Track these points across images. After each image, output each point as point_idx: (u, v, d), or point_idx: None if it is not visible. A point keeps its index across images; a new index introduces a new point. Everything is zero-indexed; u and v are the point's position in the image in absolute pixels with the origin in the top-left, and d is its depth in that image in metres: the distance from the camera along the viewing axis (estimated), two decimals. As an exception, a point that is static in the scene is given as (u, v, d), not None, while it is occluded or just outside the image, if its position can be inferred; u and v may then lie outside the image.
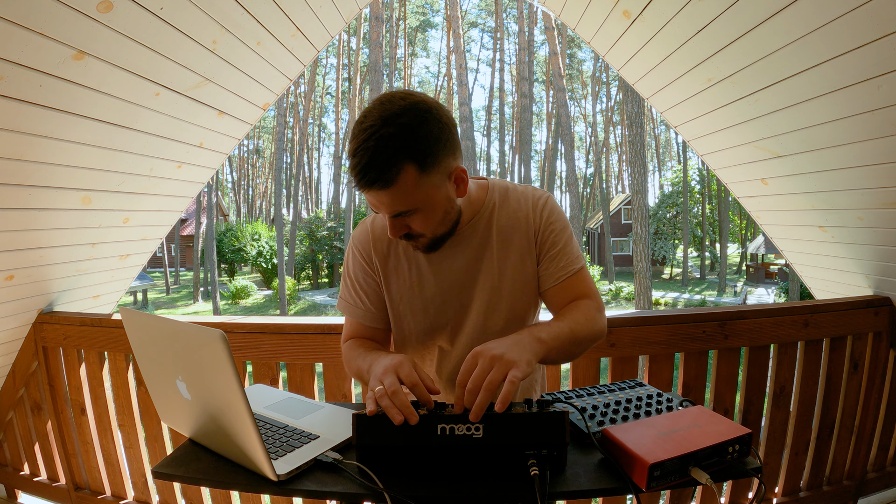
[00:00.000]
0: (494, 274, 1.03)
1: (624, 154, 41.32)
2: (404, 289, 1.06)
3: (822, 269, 2.38)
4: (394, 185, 0.83)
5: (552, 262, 1.03)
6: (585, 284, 1.04)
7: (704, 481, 0.71)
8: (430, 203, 0.89)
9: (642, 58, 2.16)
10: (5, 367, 2.08)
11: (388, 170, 0.81)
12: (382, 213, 0.91)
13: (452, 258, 1.03)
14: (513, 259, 1.04)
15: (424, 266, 1.04)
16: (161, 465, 0.83)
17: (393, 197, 0.85)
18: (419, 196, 0.87)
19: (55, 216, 1.77)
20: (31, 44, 1.24)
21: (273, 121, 34.84)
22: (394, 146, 0.81)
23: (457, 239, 1.03)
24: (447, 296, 1.04)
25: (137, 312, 0.87)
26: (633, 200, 11.61)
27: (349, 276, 1.10)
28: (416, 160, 0.83)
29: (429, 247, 0.98)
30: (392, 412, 0.74)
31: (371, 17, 15.99)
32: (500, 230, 1.04)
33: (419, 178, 0.85)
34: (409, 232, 0.93)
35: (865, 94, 1.45)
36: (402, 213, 0.89)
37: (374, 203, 0.89)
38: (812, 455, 1.88)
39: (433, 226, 0.93)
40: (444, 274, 1.04)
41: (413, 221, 0.91)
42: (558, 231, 1.04)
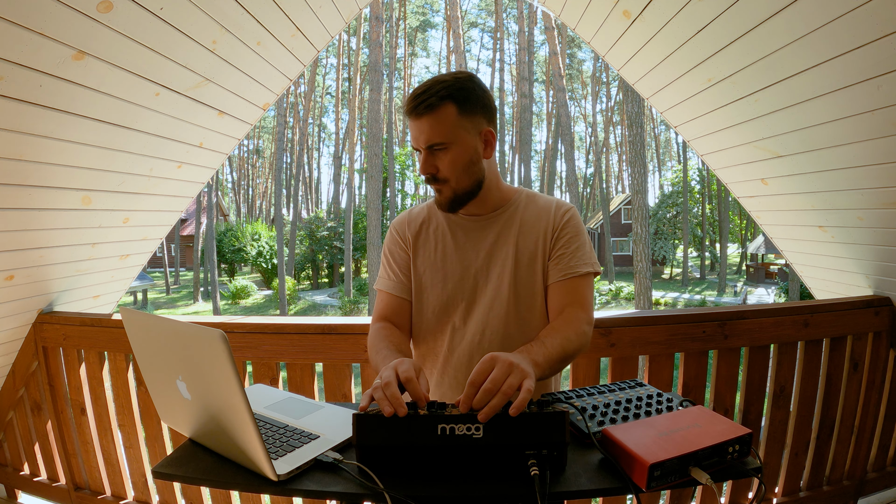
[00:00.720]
0: (510, 260, 1.12)
1: (624, 154, 41.32)
2: (428, 262, 1.17)
3: (822, 269, 2.38)
4: (436, 112, 1.00)
5: (562, 259, 1.11)
6: (584, 293, 1.10)
7: (704, 481, 0.71)
8: (461, 143, 1.03)
9: (642, 58, 2.16)
10: (5, 367, 2.08)
11: (435, 100, 1.00)
12: (420, 146, 1.04)
13: (476, 240, 1.15)
14: (529, 250, 1.13)
15: (450, 244, 1.17)
16: (161, 465, 0.83)
17: (432, 125, 1.01)
18: (454, 132, 1.02)
19: (55, 216, 1.77)
20: (31, 44, 1.24)
21: (273, 121, 34.84)
22: (444, 86, 1.01)
23: (482, 222, 1.16)
24: (465, 273, 1.14)
25: (137, 312, 0.87)
26: (633, 200, 11.61)
27: (385, 254, 1.23)
28: (457, 102, 1.01)
29: (451, 201, 1.09)
30: (383, 404, 0.76)
31: (371, 17, 15.99)
32: (523, 223, 1.15)
33: (457, 117, 1.01)
34: (437, 174, 1.05)
35: (865, 94, 1.46)
36: (437, 145, 1.02)
37: (416, 133, 1.03)
38: (812, 455, 1.88)
39: (458, 171, 1.05)
40: (466, 253, 1.15)
41: (442, 160, 1.04)
42: (573, 234, 1.14)
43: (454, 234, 1.17)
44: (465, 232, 1.17)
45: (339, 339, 1.67)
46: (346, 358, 1.68)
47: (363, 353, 1.66)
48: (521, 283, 1.12)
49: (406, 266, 1.19)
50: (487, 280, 1.13)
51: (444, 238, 1.17)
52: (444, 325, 1.15)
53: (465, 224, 1.17)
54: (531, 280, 1.12)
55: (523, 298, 1.12)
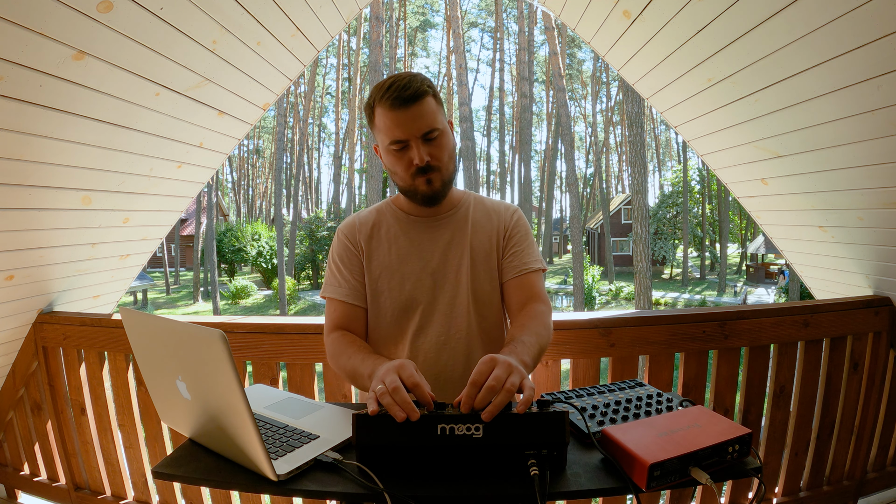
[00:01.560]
0: (467, 258, 1.15)
1: (624, 154, 41.32)
2: (383, 265, 1.16)
3: (822, 269, 2.38)
4: (424, 101, 1.03)
5: (515, 256, 1.16)
6: (540, 286, 1.16)
7: (704, 481, 0.71)
8: (445, 130, 1.09)
9: (642, 58, 2.16)
10: (5, 367, 2.08)
11: (424, 87, 1.04)
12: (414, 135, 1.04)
13: (430, 240, 1.16)
14: (484, 248, 1.16)
15: (404, 245, 1.16)
16: (161, 465, 0.83)
17: (425, 113, 1.04)
18: (440, 120, 1.07)
19: (55, 216, 1.77)
20: (31, 44, 1.24)
21: (273, 121, 34.84)
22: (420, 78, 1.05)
23: (434, 223, 1.18)
24: (422, 273, 1.14)
25: (137, 312, 0.87)
26: (633, 200, 11.61)
27: (333, 261, 1.19)
28: (433, 95, 1.07)
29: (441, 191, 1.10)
30: (394, 409, 0.75)
31: (371, 17, 15.98)
32: (474, 223, 1.19)
33: (436, 106, 1.07)
34: (430, 162, 1.06)
35: (866, 94, 1.45)
36: (432, 131, 1.05)
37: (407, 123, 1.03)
38: (812, 455, 1.88)
39: (447, 157, 1.09)
40: (422, 253, 1.15)
41: (435, 147, 1.06)
42: (524, 233, 1.20)
43: (408, 234, 1.17)
44: (418, 232, 1.17)
45: (339, 339, 1.66)
46: (346, 358, 1.68)
47: (363, 353, 1.66)
48: (479, 281, 1.15)
49: (359, 271, 1.16)
50: (445, 279, 1.14)
51: (398, 239, 1.16)
52: (405, 328, 1.13)
53: (418, 225, 1.18)
54: (487, 277, 1.15)
55: (481, 296, 1.15)
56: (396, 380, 0.79)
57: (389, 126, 1.04)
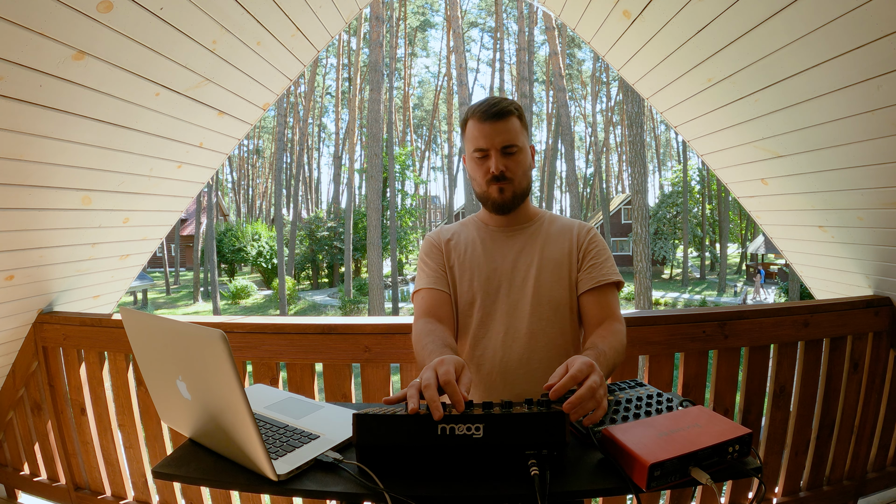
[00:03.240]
0: (535, 266, 1.22)
1: (624, 154, 41.31)
2: (458, 262, 1.26)
3: (822, 269, 2.38)
4: (509, 119, 1.17)
5: (593, 269, 1.22)
6: (617, 304, 1.22)
7: (704, 481, 0.71)
8: (525, 149, 1.20)
9: (642, 58, 2.16)
10: (5, 367, 2.08)
11: (511, 108, 1.18)
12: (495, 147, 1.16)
13: (503, 247, 1.25)
14: (554, 258, 1.23)
15: (479, 248, 1.26)
16: (161, 465, 0.83)
17: (508, 129, 1.16)
18: (521, 139, 1.19)
19: (55, 216, 1.77)
20: (31, 44, 1.24)
21: (273, 121, 34.83)
22: (510, 102, 1.19)
23: (510, 233, 1.27)
24: (492, 274, 1.23)
25: (137, 312, 0.87)
26: (633, 200, 11.60)
27: (422, 259, 1.30)
28: (519, 118, 1.20)
29: (513, 198, 1.21)
30: (411, 401, 0.76)
31: (371, 17, 15.98)
32: (547, 236, 1.27)
33: (520, 128, 1.19)
34: (505, 173, 1.17)
35: (865, 94, 1.45)
36: (511, 146, 1.16)
37: (490, 135, 1.16)
38: (812, 455, 1.88)
39: (521, 172, 1.20)
40: (493, 256, 1.25)
41: (511, 161, 1.17)
42: (601, 248, 1.26)
43: (484, 241, 1.27)
44: (493, 240, 1.27)
45: (339, 339, 1.67)
46: (346, 358, 1.68)
47: (363, 353, 1.66)
48: (544, 288, 1.20)
49: (442, 264, 1.27)
50: (511, 282, 1.21)
51: (474, 243, 1.27)
52: (470, 319, 1.21)
53: (494, 234, 1.28)
54: (554, 286, 1.20)
55: (545, 301, 1.19)
56: (432, 377, 0.80)
57: (476, 136, 1.17)
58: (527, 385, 1.14)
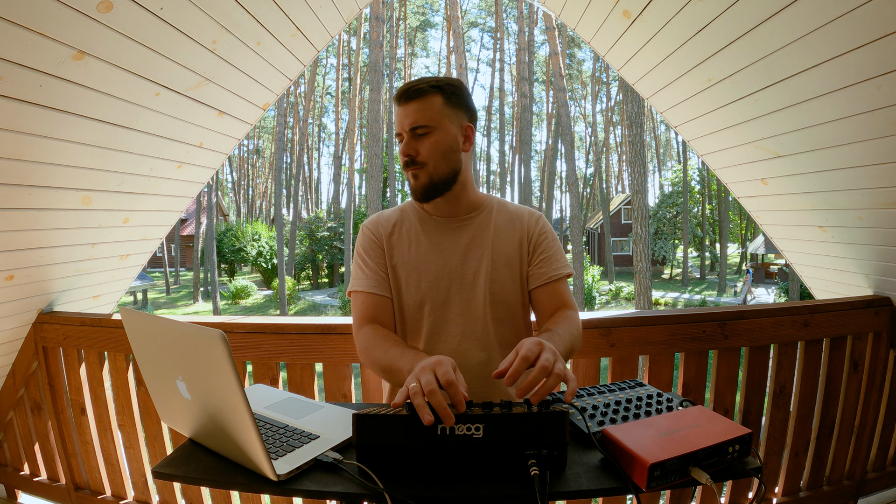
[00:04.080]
0: (487, 261, 1.15)
1: (624, 154, 41.31)
2: (402, 260, 1.17)
3: (822, 269, 2.38)
4: (423, 98, 1.08)
5: (544, 263, 1.17)
6: (568, 293, 1.18)
7: (704, 481, 0.71)
8: (443, 130, 1.09)
9: (642, 58, 2.16)
10: (5, 367, 2.08)
11: (424, 89, 1.08)
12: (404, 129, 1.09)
13: (451, 240, 1.17)
14: (506, 252, 1.17)
15: (424, 243, 1.17)
16: (161, 465, 0.83)
17: (418, 109, 1.07)
18: (437, 118, 1.08)
19: (55, 216, 1.77)
20: (31, 44, 1.24)
21: (273, 121, 34.83)
22: (435, 79, 1.10)
23: (456, 224, 1.18)
24: (441, 272, 1.15)
25: (137, 312, 0.87)
26: (633, 200, 11.60)
27: (358, 254, 1.20)
28: (444, 94, 1.09)
29: (426, 186, 1.11)
30: (423, 412, 0.73)
31: (371, 17, 15.98)
32: (496, 227, 1.19)
33: (442, 106, 1.09)
34: (416, 158, 1.09)
35: (865, 94, 1.45)
36: (420, 127, 1.08)
37: (401, 118, 1.09)
38: (812, 455, 1.88)
39: (437, 156, 1.09)
40: (441, 252, 1.16)
41: (423, 144, 1.08)
42: (551, 240, 1.20)
43: (428, 234, 1.18)
44: (439, 232, 1.18)
45: (339, 339, 1.67)
46: (346, 358, 1.68)
47: (363, 353, 1.66)
48: (497, 285, 1.15)
49: (383, 263, 1.18)
50: (462, 280, 1.15)
51: (419, 237, 1.18)
52: (420, 325, 1.14)
53: (439, 224, 1.19)
54: (507, 282, 1.15)
55: (499, 300, 1.15)
56: (433, 380, 0.77)
57: (395, 120, 1.12)
58: (488, 388, 1.11)
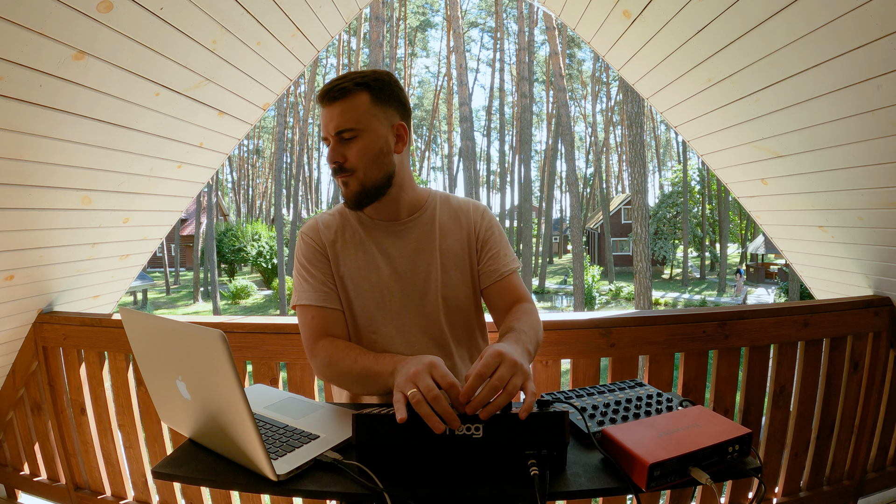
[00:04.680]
0: (437, 263, 1.11)
1: (624, 154, 41.32)
2: (350, 271, 1.10)
3: (822, 269, 2.38)
4: (348, 98, 0.98)
5: (493, 260, 1.13)
6: (521, 286, 1.15)
7: (704, 481, 0.71)
8: (371, 132, 1.00)
9: (642, 58, 2.16)
10: (5, 367, 2.08)
11: (347, 87, 0.98)
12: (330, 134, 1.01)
13: (399, 246, 1.11)
14: (455, 250, 1.13)
15: (371, 251, 1.10)
16: (161, 465, 0.83)
17: (343, 111, 0.98)
18: (365, 120, 0.99)
19: (55, 216, 1.77)
20: (31, 44, 1.24)
21: (273, 121, 34.83)
22: (359, 75, 1.00)
23: (399, 228, 1.12)
24: (391, 280, 1.09)
25: (137, 312, 0.87)
26: (633, 200, 11.60)
27: (301, 265, 1.11)
28: (371, 91, 1.00)
29: (358, 194, 1.04)
30: (432, 420, 0.72)
31: (371, 17, 15.98)
32: (441, 226, 1.14)
33: (369, 105, 1.00)
34: (344, 164, 1.01)
35: (866, 94, 1.45)
36: (346, 131, 0.99)
37: (326, 121, 1.00)
38: (812, 455, 1.88)
39: (367, 161, 1.01)
40: (392, 260, 1.10)
41: (351, 149, 1.00)
42: (497, 234, 1.17)
43: (374, 239, 1.11)
44: (384, 237, 1.11)
45: (339, 339, 1.66)
46: (346, 358, 1.68)
47: (363, 353, 1.66)
48: (450, 287, 1.11)
49: (329, 273, 1.09)
50: (414, 287, 1.09)
51: (364, 245, 1.10)
52: (375, 335, 1.08)
53: (383, 229, 1.12)
54: (459, 284, 1.12)
55: (453, 304, 1.11)
56: (433, 385, 0.75)
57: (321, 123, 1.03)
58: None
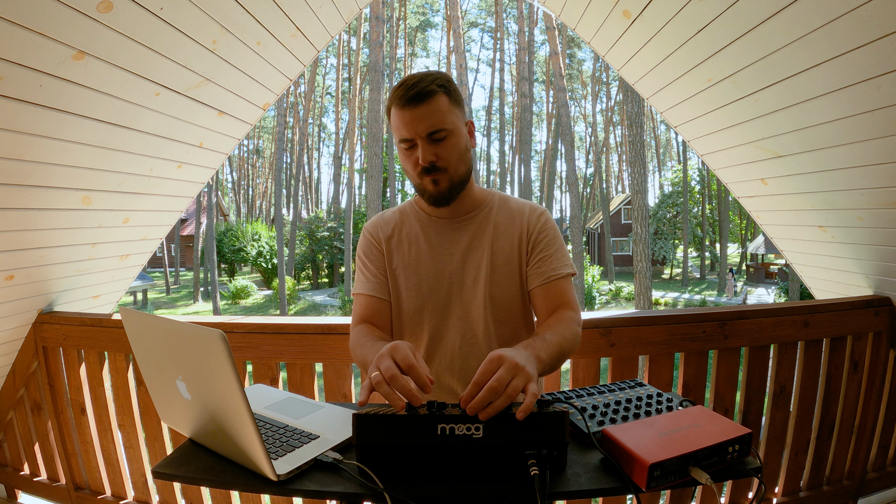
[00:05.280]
0: (486, 264, 1.12)
1: (624, 154, 41.31)
2: (402, 264, 1.16)
3: (822, 269, 2.38)
4: (433, 100, 1.03)
5: (543, 262, 1.13)
6: (569, 294, 1.13)
7: (704, 481, 0.71)
8: (456, 130, 1.06)
9: (642, 58, 2.16)
10: (5, 367, 2.08)
11: (432, 90, 1.03)
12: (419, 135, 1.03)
13: (449, 243, 1.15)
14: (505, 253, 1.13)
15: (424, 247, 1.15)
16: (161, 465, 0.83)
17: (432, 113, 1.03)
18: (450, 120, 1.05)
19: (55, 216, 1.77)
20: (31, 44, 1.24)
21: (273, 121, 34.83)
22: (434, 79, 1.04)
23: (455, 225, 1.16)
24: (440, 276, 1.13)
25: (137, 312, 0.87)
26: (633, 200, 11.61)
27: (360, 257, 1.20)
28: (447, 94, 1.06)
29: (450, 190, 1.08)
30: (392, 398, 0.73)
31: (371, 17, 15.98)
32: (496, 226, 1.15)
33: (449, 106, 1.05)
34: (436, 163, 1.05)
35: (865, 94, 1.45)
36: (438, 131, 1.03)
37: (412, 122, 1.02)
38: (812, 455, 1.88)
39: (455, 158, 1.07)
40: (441, 256, 1.14)
41: (442, 148, 1.05)
42: (551, 238, 1.15)
43: (427, 236, 1.16)
44: (438, 234, 1.16)
45: (339, 339, 1.67)
46: (346, 358, 1.68)
47: (363, 353, 1.66)
48: (497, 287, 1.12)
49: (382, 267, 1.17)
50: (462, 283, 1.13)
51: (418, 240, 1.16)
52: (421, 329, 1.14)
53: (438, 226, 1.16)
54: (507, 284, 1.13)
55: (499, 302, 1.12)
56: (392, 366, 0.77)
57: (398, 125, 1.05)
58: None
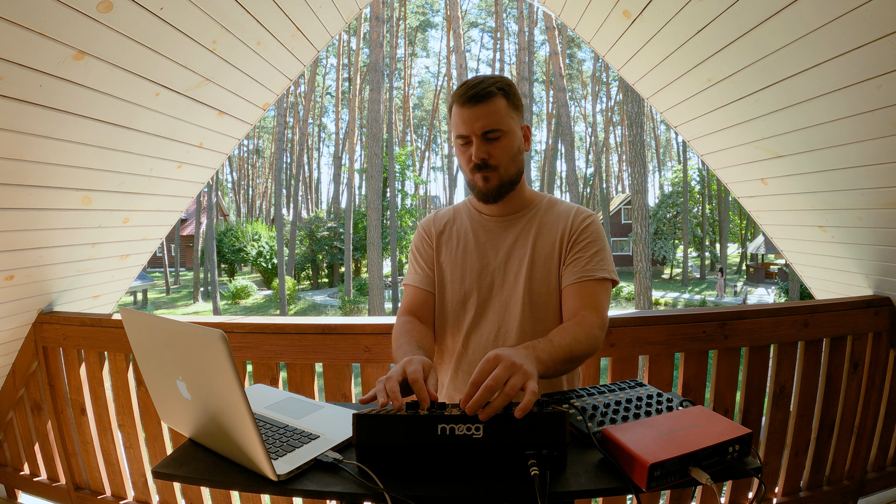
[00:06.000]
0: (526, 260, 1.16)
1: (624, 154, 41.31)
2: (449, 258, 1.23)
3: (822, 269, 2.38)
4: (492, 101, 1.07)
5: (577, 263, 1.13)
6: (599, 297, 1.10)
7: (704, 481, 0.71)
8: (511, 132, 1.11)
9: (642, 58, 2.16)
10: (5, 367, 2.08)
11: (492, 91, 1.08)
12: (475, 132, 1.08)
13: (496, 240, 1.20)
14: (545, 251, 1.17)
15: (471, 242, 1.22)
16: (161, 465, 0.83)
17: (490, 112, 1.07)
18: (506, 121, 1.09)
19: (55, 216, 1.77)
20: (31, 44, 1.24)
21: (273, 121, 34.84)
22: (494, 82, 1.09)
23: (504, 223, 1.21)
24: (483, 270, 1.19)
25: (137, 312, 0.87)
26: (633, 200, 11.60)
27: (413, 251, 1.29)
28: (506, 97, 1.10)
29: (499, 188, 1.13)
30: (380, 395, 0.80)
31: (371, 17, 15.97)
32: (541, 225, 1.19)
33: (507, 109, 1.10)
34: (488, 161, 1.10)
35: (865, 94, 1.45)
36: (493, 131, 1.08)
37: (470, 120, 1.07)
38: (812, 455, 1.88)
39: (507, 159, 1.11)
40: (486, 251, 1.20)
41: (496, 147, 1.10)
42: (592, 239, 1.15)
43: (476, 233, 1.22)
44: (486, 232, 1.22)
45: (339, 339, 1.67)
46: (346, 358, 1.68)
47: (363, 353, 1.66)
48: (536, 284, 1.15)
49: (431, 261, 1.24)
50: (504, 279, 1.17)
51: (467, 236, 1.23)
52: (461, 321, 1.19)
53: (487, 224, 1.22)
54: (545, 281, 1.15)
55: (537, 299, 1.15)
56: (398, 371, 0.84)
57: (457, 122, 1.10)
58: None
